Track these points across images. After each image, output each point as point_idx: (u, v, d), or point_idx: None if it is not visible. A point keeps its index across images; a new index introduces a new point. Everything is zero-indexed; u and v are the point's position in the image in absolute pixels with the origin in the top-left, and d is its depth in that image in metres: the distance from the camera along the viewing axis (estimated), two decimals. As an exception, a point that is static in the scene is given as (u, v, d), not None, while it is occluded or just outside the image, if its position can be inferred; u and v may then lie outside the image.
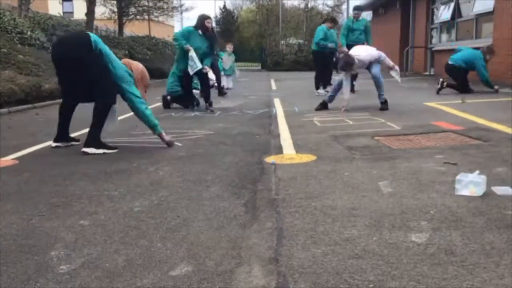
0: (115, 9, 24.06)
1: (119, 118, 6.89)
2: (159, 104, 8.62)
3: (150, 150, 4.55)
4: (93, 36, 4.56)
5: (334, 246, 2.11)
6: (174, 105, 8.43)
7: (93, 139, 4.46)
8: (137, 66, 4.88)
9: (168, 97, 8.46)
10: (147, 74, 4.97)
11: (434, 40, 16.32)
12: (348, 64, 6.79)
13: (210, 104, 7.83)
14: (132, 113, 4.87)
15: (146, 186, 3.27)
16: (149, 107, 4.90)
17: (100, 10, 22.87)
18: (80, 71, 4.40)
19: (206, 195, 3.01)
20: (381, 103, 6.96)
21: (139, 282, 1.87)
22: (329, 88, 9.18)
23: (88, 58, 4.41)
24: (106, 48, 4.60)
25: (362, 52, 7.07)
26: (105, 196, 3.04)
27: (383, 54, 7.06)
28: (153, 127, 4.72)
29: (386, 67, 7.20)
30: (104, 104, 4.56)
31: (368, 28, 10.33)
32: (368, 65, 6.99)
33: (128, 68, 4.72)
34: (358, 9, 10.75)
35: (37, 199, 3.04)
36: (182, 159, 4.10)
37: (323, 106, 7.23)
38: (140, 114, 4.70)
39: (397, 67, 7.30)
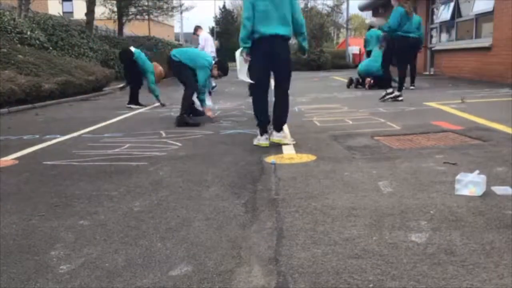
0: (115, 9, 24.08)
1: (119, 118, 6.91)
2: None
3: (150, 150, 4.55)
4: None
5: (334, 246, 2.11)
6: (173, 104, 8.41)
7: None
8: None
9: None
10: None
11: (434, 40, 16.32)
12: None
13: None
14: (131, 113, 4.90)
15: (146, 186, 3.27)
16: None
17: (100, 10, 22.88)
18: None
19: (206, 195, 3.01)
20: None
21: (139, 282, 1.87)
22: None
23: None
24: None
25: None
26: (105, 196, 3.04)
27: None
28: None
29: None
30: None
31: None
32: None
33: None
34: None
35: (37, 199, 3.04)
36: (182, 159, 4.10)
37: None
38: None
39: None
